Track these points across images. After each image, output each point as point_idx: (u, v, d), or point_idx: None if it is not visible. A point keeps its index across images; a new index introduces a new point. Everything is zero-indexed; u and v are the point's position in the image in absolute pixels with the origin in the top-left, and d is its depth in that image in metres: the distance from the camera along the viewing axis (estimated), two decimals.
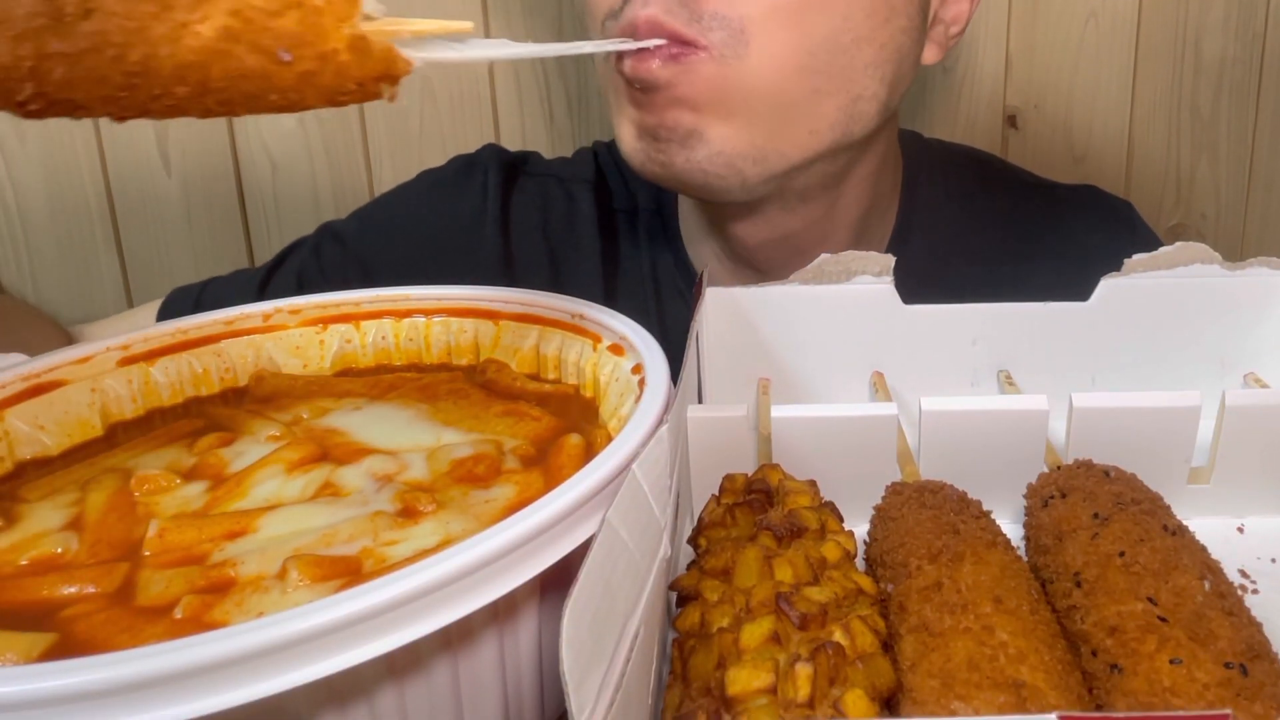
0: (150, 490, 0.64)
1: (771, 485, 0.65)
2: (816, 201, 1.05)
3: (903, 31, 0.97)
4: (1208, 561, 0.57)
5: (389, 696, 0.50)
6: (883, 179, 1.12)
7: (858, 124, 0.98)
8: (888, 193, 1.15)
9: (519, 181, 1.24)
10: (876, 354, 0.85)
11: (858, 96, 0.96)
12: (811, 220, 1.06)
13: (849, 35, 0.93)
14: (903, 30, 0.97)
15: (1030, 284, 0.85)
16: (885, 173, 1.12)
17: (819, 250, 0.86)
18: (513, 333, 0.81)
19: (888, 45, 0.96)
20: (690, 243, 1.17)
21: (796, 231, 1.07)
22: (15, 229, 1.49)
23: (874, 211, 1.12)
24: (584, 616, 0.44)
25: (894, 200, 1.17)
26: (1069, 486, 0.65)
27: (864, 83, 0.96)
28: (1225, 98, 1.59)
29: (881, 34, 0.95)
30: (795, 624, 0.51)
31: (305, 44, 0.53)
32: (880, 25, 0.95)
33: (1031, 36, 1.54)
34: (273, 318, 0.82)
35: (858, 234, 1.11)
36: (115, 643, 0.50)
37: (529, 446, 0.67)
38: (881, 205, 1.14)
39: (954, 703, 0.48)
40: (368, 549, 0.56)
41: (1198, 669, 0.49)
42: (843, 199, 1.07)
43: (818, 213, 1.06)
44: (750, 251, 1.09)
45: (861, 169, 1.07)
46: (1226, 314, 0.84)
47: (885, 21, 0.95)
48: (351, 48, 0.54)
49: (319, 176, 1.52)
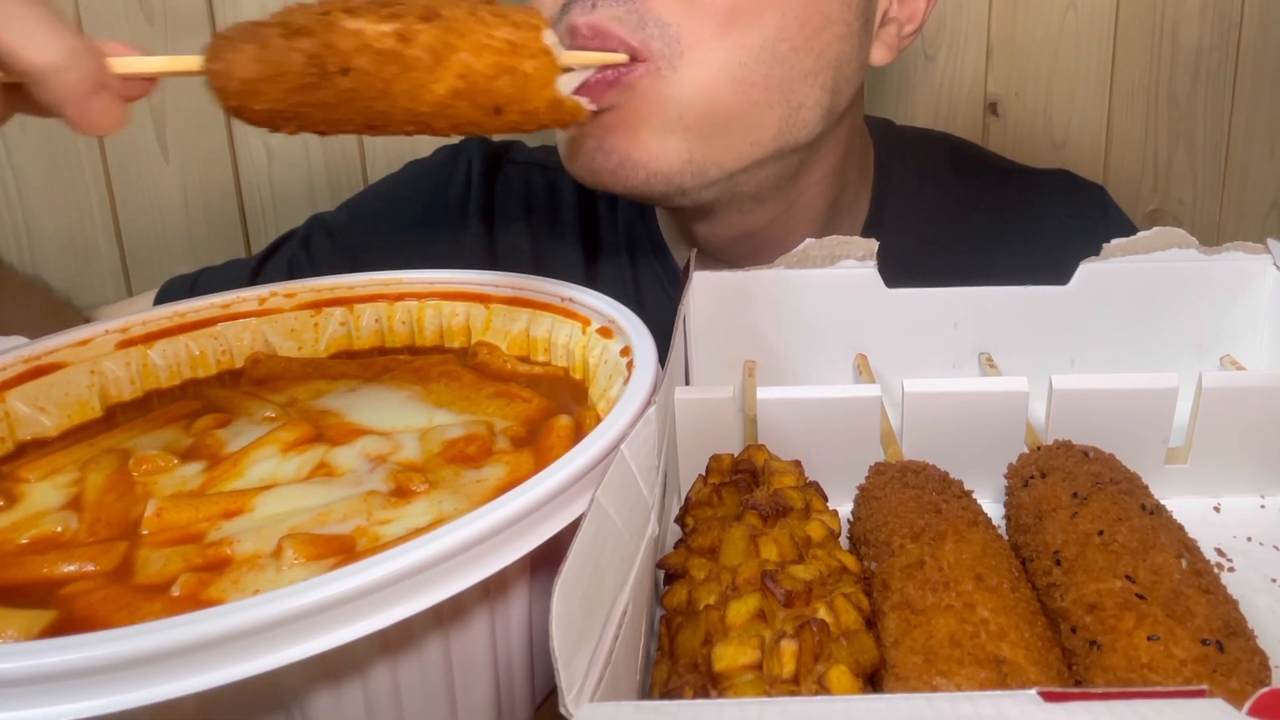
0: (148, 470, 0.64)
1: (757, 465, 0.66)
2: (772, 202, 1.05)
3: (841, 38, 0.96)
4: (1185, 540, 0.58)
5: (382, 673, 0.50)
6: (847, 171, 1.11)
7: (801, 131, 0.97)
8: (855, 182, 1.14)
9: (502, 170, 1.24)
10: (860, 337, 0.86)
11: (799, 105, 0.96)
12: (770, 219, 1.06)
13: (785, 45, 0.92)
14: (840, 37, 0.96)
15: (1004, 266, 0.86)
16: (850, 164, 1.11)
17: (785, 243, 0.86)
18: (504, 316, 0.81)
19: (825, 53, 0.95)
20: (666, 229, 1.18)
21: (758, 230, 1.07)
22: (16, 214, 1.49)
23: (840, 203, 1.12)
24: (573, 594, 0.45)
25: (864, 189, 1.17)
26: (1049, 466, 0.66)
27: (805, 91, 0.96)
28: (1202, 86, 1.59)
29: (818, 42, 0.94)
30: (780, 601, 0.52)
31: (515, 102, 0.65)
32: (815, 33, 0.94)
33: (1012, 25, 1.55)
34: (268, 301, 0.83)
35: (824, 226, 1.11)
36: (114, 620, 0.51)
37: (519, 427, 0.68)
38: (849, 196, 1.13)
39: (936, 678, 0.49)
40: (361, 528, 0.56)
41: (1175, 646, 0.50)
42: (802, 196, 1.07)
43: (776, 212, 1.06)
44: (716, 249, 1.09)
45: (818, 167, 1.06)
46: (1203, 298, 0.84)
47: (820, 29, 0.94)
48: (550, 107, 0.67)
49: (314, 163, 1.52)
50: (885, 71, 1.56)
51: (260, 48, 0.59)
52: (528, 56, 0.64)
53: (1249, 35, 1.57)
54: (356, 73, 0.60)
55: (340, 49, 0.59)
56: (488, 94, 0.63)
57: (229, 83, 0.59)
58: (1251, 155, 1.63)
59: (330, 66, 0.59)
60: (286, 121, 0.61)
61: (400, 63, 0.60)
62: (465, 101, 0.63)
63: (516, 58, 0.63)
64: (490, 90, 0.63)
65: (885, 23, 1.03)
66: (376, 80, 0.60)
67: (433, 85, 0.62)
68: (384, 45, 0.60)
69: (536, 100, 0.66)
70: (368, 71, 0.60)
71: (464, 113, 0.64)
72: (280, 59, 0.59)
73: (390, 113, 0.62)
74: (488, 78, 0.63)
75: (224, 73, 0.58)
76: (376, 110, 0.62)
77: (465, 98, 0.63)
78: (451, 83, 0.62)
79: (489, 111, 0.64)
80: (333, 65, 0.59)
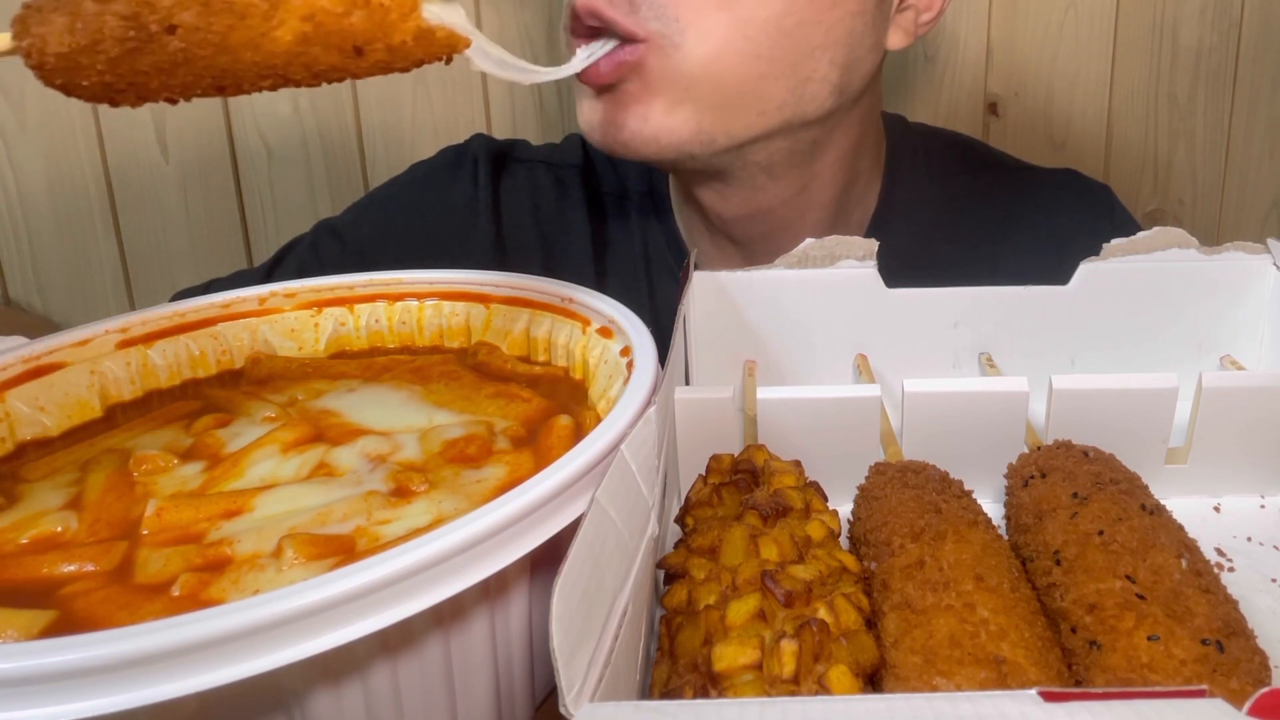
0: (148, 470, 0.64)
1: (757, 465, 0.66)
2: (787, 179, 1.06)
3: (853, 15, 0.98)
4: (1185, 540, 0.58)
5: (382, 673, 0.50)
6: (861, 158, 1.12)
7: (809, 104, 0.99)
8: (867, 171, 1.15)
9: (508, 169, 1.24)
10: (860, 337, 0.86)
11: (806, 78, 0.97)
12: (784, 197, 1.07)
13: (792, 19, 0.94)
14: (853, 14, 0.97)
15: (1010, 264, 0.86)
16: (864, 152, 1.12)
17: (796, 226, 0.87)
18: (504, 316, 0.81)
19: (836, 28, 0.96)
20: (680, 215, 1.18)
21: (771, 208, 1.08)
22: (15, 212, 1.49)
23: (852, 190, 1.13)
24: (573, 594, 0.45)
25: (875, 180, 1.17)
26: (1049, 466, 0.66)
27: (813, 65, 0.97)
28: (1202, 85, 1.60)
29: (828, 17, 0.96)
30: (780, 601, 0.52)
31: (375, 39, 0.58)
32: (826, 8, 0.95)
33: (1012, 25, 1.55)
34: (268, 301, 0.83)
35: (836, 211, 1.12)
36: (114, 620, 0.51)
37: (519, 427, 0.68)
38: (860, 184, 1.14)
39: (936, 678, 0.49)
40: (361, 528, 0.56)
41: (1175, 646, 0.50)
42: (817, 177, 1.08)
43: (790, 190, 1.07)
44: (726, 224, 1.10)
45: (833, 147, 1.07)
46: (1203, 297, 0.84)
47: (832, 5, 0.95)
48: (418, 39, 0.59)
49: (313, 162, 1.53)
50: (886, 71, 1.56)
51: (70, 16, 0.53)
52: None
53: (1249, 35, 1.57)
54: (184, 29, 0.54)
55: (159, 5, 0.53)
56: (341, 34, 0.57)
57: (44, 59, 0.54)
58: (1251, 155, 1.63)
59: (152, 26, 0.54)
60: (121, 94, 0.56)
61: (232, 12, 0.54)
62: (317, 46, 0.57)
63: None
64: (343, 30, 0.57)
65: (903, 8, 1.04)
66: (209, 35, 0.54)
67: (274, 32, 0.55)
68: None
69: (400, 33, 0.58)
70: (196, 27, 0.54)
71: (320, 57, 0.57)
72: (94, 25, 0.53)
73: (236, 68, 0.56)
74: (337, 15, 0.56)
75: (37, 49, 0.54)
76: (219, 67, 0.56)
77: (316, 42, 0.56)
78: (296, 26, 0.56)
79: (348, 54, 0.58)
80: (154, 24, 0.54)
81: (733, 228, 1.10)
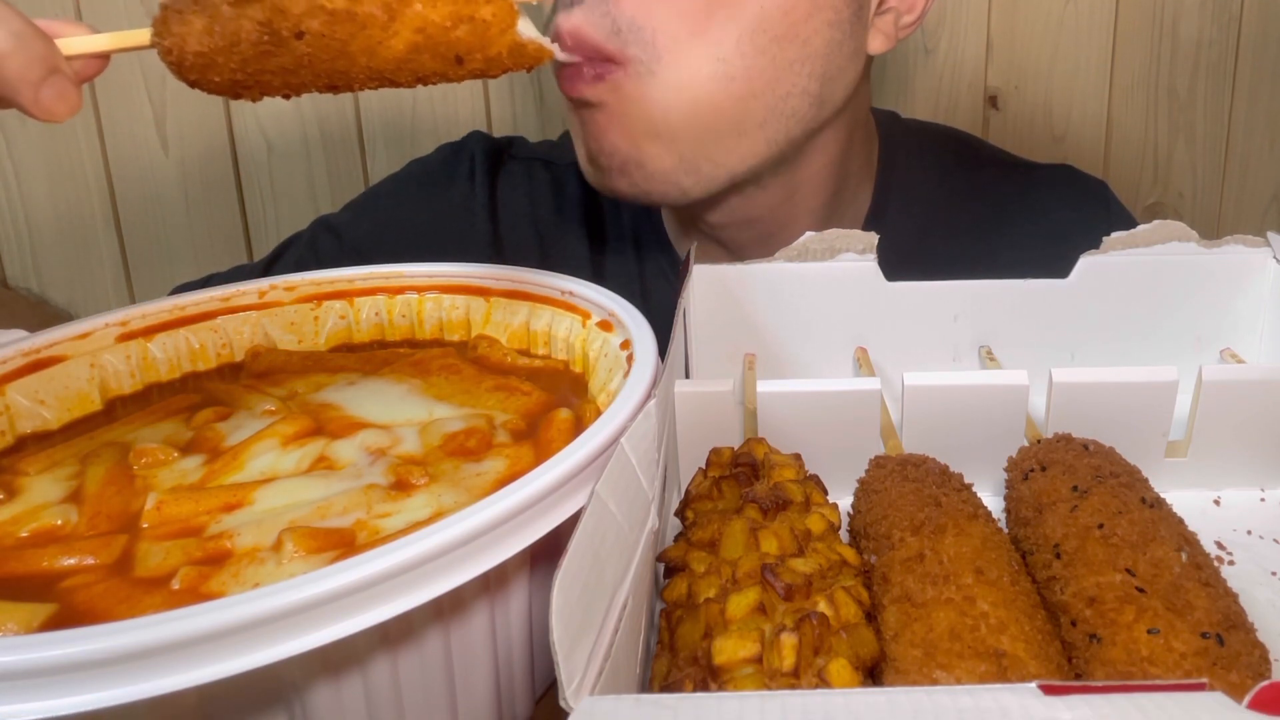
0: (148, 463, 0.64)
1: (757, 459, 0.66)
2: (772, 188, 1.05)
3: (830, 25, 0.96)
4: (1185, 533, 0.58)
5: (382, 666, 0.50)
6: (850, 161, 1.11)
7: (789, 120, 0.98)
8: (858, 173, 1.14)
9: (505, 166, 1.24)
10: (860, 330, 0.86)
11: (785, 94, 0.96)
12: (771, 205, 1.06)
13: (765, 35, 0.93)
14: (830, 24, 0.96)
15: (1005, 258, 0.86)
16: (853, 155, 1.11)
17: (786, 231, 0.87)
18: (503, 309, 0.81)
19: (812, 40, 0.95)
20: (670, 226, 1.18)
21: (758, 216, 1.07)
22: (16, 208, 1.49)
23: (842, 193, 1.12)
24: (573, 587, 0.45)
25: (867, 180, 1.16)
26: (1049, 460, 0.66)
27: (791, 80, 0.96)
28: (1202, 79, 1.59)
29: (804, 30, 0.94)
30: (780, 595, 0.52)
31: (476, 50, 0.64)
32: (801, 21, 0.94)
33: (1012, 19, 1.55)
34: (268, 294, 0.83)
35: (826, 216, 1.11)
36: (114, 613, 0.51)
37: (519, 421, 0.68)
38: (851, 186, 1.13)
39: (936, 672, 0.49)
40: (361, 521, 0.56)
41: (1175, 639, 0.50)
42: (804, 184, 1.07)
43: (777, 198, 1.06)
44: (715, 231, 1.10)
45: (818, 156, 1.06)
46: (1203, 291, 0.84)
47: (807, 17, 0.94)
48: (512, 51, 0.65)
49: (314, 157, 1.53)
50: (885, 65, 1.56)
51: (209, 19, 0.59)
52: (484, 3, 0.63)
53: (1249, 28, 1.57)
54: (311, 36, 0.60)
55: (291, 13, 0.59)
56: (447, 45, 0.63)
57: (183, 57, 0.59)
58: (1251, 148, 1.63)
59: (284, 32, 0.59)
60: (247, 89, 0.62)
61: (354, 21, 0.60)
62: (426, 54, 0.63)
63: (473, 5, 0.62)
64: (450, 41, 0.63)
65: (882, 11, 1.02)
66: (333, 41, 0.60)
67: (390, 41, 0.61)
68: (336, 5, 0.60)
69: (498, 45, 0.64)
70: (322, 34, 0.60)
71: (426, 65, 0.63)
72: (231, 28, 0.59)
73: (351, 71, 0.62)
74: (445, 29, 0.62)
75: (177, 47, 0.58)
76: (337, 70, 0.62)
77: (425, 50, 0.62)
78: (409, 37, 0.62)
79: (451, 62, 0.64)
80: (286, 30, 0.59)
81: (721, 235, 1.10)
